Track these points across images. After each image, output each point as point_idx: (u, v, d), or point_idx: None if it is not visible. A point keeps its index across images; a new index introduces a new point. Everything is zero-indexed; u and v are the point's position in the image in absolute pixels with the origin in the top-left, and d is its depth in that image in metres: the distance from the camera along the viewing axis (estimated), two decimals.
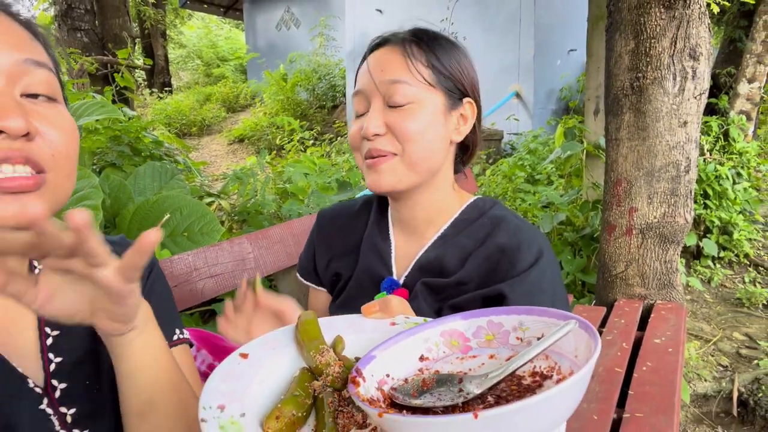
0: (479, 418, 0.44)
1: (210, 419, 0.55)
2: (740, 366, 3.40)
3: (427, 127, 1.05)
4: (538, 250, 1.04)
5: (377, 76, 1.06)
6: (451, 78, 1.09)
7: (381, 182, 1.08)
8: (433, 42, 1.10)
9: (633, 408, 1.89)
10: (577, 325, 0.58)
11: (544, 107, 9.19)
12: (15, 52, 0.68)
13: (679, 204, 2.96)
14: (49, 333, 0.78)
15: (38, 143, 0.68)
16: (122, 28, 6.87)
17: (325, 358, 0.66)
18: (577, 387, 0.50)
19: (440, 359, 0.68)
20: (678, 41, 2.76)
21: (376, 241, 1.19)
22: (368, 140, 1.06)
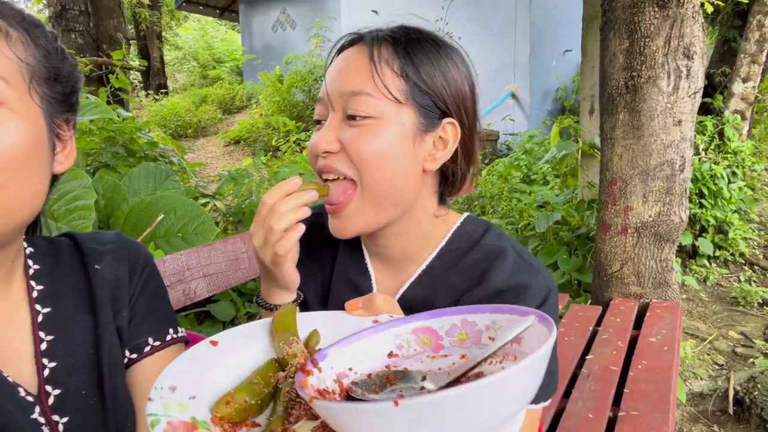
0: (399, 406, 0.44)
1: (156, 398, 0.54)
2: (736, 364, 3.40)
3: (387, 150, 0.86)
4: (542, 296, 0.89)
5: (338, 83, 0.89)
6: (428, 92, 0.89)
7: (344, 228, 0.92)
8: (414, 45, 0.90)
9: (628, 406, 1.89)
10: (537, 320, 0.57)
11: (540, 107, 9.21)
12: None
13: (674, 203, 2.96)
14: (43, 338, 0.77)
15: None
16: (117, 30, 6.85)
17: (293, 349, 0.65)
18: (514, 381, 0.47)
19: (410, 357, 0.66)
20: (672, 40, 2.77)
21: (352, 275, 1.02)
22: (321, 156, 0.90)
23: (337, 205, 0.90)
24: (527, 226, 4.85)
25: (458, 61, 0.95)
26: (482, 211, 5.88)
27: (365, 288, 1.00)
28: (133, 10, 12.53)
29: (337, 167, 0.88)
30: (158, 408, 0.52)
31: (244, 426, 0.57)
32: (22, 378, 0.73)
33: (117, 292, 0.85)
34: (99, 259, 0.86)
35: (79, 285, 0.83)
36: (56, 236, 0.89)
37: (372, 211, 0.90)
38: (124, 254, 0.89)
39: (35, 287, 0.79)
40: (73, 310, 0.81)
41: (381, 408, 0.45)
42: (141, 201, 2.37)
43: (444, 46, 0.94)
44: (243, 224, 3.66)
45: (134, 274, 0.89)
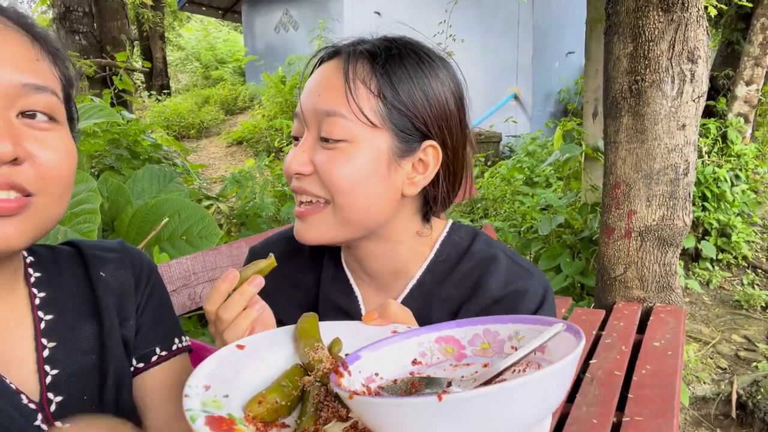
0: (443, 401, 0.44)
1: (192, 395, 0.56)
2: (739, 368, 3.40)
3: (360, 176, 0.83)
4: (539, 299, 0.88)
5: (313, 101, 0.85)
6: (408, 114, 0.84)
7: (306, 234, 0.89)
8: (394, 62, 0.85)
9: (632, 411, 1.89)
10: (564, 328, 0.58)
11: (543, 109, 9.20)
12: (16, 73, 0.66)
13: (678, 207, 2.96)
14: (46, 344, 0.77)
15: (26, 167, 0.66)
16: (121, 31, 6.87)
17: (318, 354, 0.67)
18: (551, 381, 0.48)
19: (433, 365, 0.67)
20: (676, 44, 2.77)
21: (339, 300, 0.98)
22: (294, 177, 0.87)
23: (306, 210, 0.88)
24: (530, 228, 4.85)
25: (444, 76, 0.89)
26: (485, 213, 5.88)
27: (354, 311, 0.97)
28: (136, 11, 12.55)
29: (310, 189, 0.86)
30: (195, 404, 0.54)
31: (274, 426, 0.59)
32: (25, 385, 0.74)
33: (123, 300, 0.86)
34: (102, 266, 0.86)
35: (82, 292, 0.84)
36: (58, 244, 0.89)
37: (339, 227, 0.87)
38: (128, 263, 0.89)
39: (37, 295, 0.80)
40: (75, 317, 0.81)
41: (425, 402, 0.46)
42: (145, 204, 2.37)
43: (429, 60, 0.88)
44: (246, 227, 3.66)
45: (140, 282, 0.89)
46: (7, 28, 0.69)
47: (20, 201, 0.66)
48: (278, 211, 3.75)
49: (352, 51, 0.86)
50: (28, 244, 0.69)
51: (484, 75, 9.12)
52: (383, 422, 0.49)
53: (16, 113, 0.67)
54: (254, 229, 3.46)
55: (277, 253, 0.99)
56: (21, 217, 0.67)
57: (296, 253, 1.03)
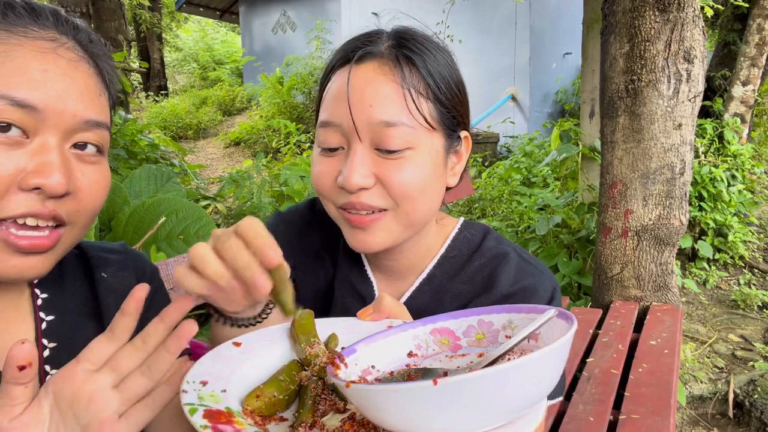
0: (438, 385, 0.45)
1: (190, 390, 0.56)
2: (735, 368, 3.41)
3: (428, 179, 0.83)
4: (548, 297, 0.89)
5: (364, 113, 0.80)
6: (452, 110, 0.86)
7: (369, 243, 0.86)
8: (429, 58, 0.84)
9: (629, 410, 1.90)
10: (556, 314, 0.59)
11: (540, 110, 9.22)
12: (81, 109, 0.68)
13: (674, 206, 2.97)
14: (47, 345, 0.77)
15: (68, 199, 0.68)
16: (118, 32, 6.86)
17: (315, 349, 0.68)
18: (544, 362, 0.48)
19: (429, 356, 0.68)
20: (672, 44, 2.78)
21: (355, 283, 0.98)
22: (348, 191, 0.82)
23: (367, 218, 0.84)
24: (527, 228, 4.85)
25: (455, 62, 0.91)
26: (482, 213, 5.89)
27: (368, 296, 0.96)
28: (133, 12, 12.54)
29: (371, 203, 0.82)
30: (193, 398, 0.55)
31: (272, 420, 0.59)
32: None
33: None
34: (104, 267, 0.86)
35: (84, 293, 0.84)
36: None
37: (402, 231, 0.86)
38: (130, 264, 0.89)
39: (39, 295, 0.80)
40: (77, 318, 0.81)
41: (421, 387, 0.46)
42: (142, 203, 2.37)
43: (443, 47, 0.90)
44: None
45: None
46: (81, 60, 0.69)
47: (53, 237, 0.67)
48: (276, 210, 3.76)
49: (395, 55, 0.83)
50: (47, 272, 0.70)
51: (481, 76, 9.13)
52: (381, 409, 0.50)
53: (70, 145, 0.68)
54: None
55: (302, 220, 1.04)
56: (50, 253, 0.69)
57: (319, 226, 1.02)
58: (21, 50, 0.64)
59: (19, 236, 0.64)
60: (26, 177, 0.63)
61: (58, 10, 0.72)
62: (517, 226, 5.05)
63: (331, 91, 0.85)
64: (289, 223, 1.05)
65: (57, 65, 0.66)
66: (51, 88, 0.65)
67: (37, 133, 0.65)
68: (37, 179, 0.63)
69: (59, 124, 0.66)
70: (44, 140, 0.65)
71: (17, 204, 0.64)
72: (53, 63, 0.66)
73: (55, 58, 0.66)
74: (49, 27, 0.68)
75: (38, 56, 0.65)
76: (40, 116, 0.64)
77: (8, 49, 0.63)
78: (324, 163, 0.85)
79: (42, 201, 0.65)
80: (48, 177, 0.64)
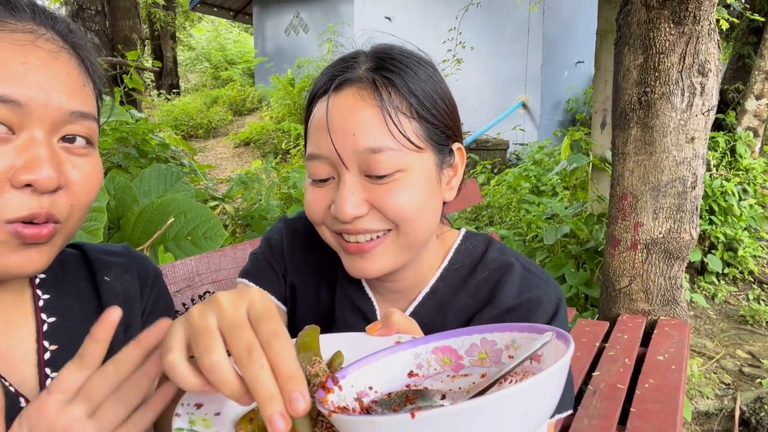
0: (416, 419, 0.44)
1: (183, 414, 0.55)
2: (743, 384, 3.37)
3: (424, 198, 0.82)
4: (553, 309, 0.87)
5: (348, 142, 0.79)
6: (439, 125, 0.84)
7: (369, 270, 0.84)
8: (409, 75, 0.82)
9: (635, 425, 1.88)
10: (554, 336, 0.57)
11: (551, 118, 9.20)
12: (66, 100, 0.67)
13: (685, 220, 2.95)
14: (47, 347, 0.76)
15: (61, 193, 0.67)
16: (132, 30, 6.91)
17: (315, 369, 0.65)
18: (528, 396, 0.47)
19: (430, 376, 0.66)
20: (687, 57, 2.76)
21: (356, 300, 0.96)
22: (343, 222, 0.82)
23: (367, 244, 0.82)
24: (535, 237, 4.83)
25: (439, 74, 0.88)
26: (490, 221, 5.87)
27: (369, 312, 0.95)
28: (148, 11, 12.63)
29: (371, 227, 0.81)
30: (184, 423, 0.54)
31: None
32: (25, 387, 0.73)
33: (127, 305, 0.85)
34: (107, 270, 0.86)
35: (86, 295, 0.83)
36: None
37: (403, 252, 0.85)
38: (132, 267, 0.89)
39: (41, 296, 0.79)
40: (79, 321, 0.80)
41: (398, 420, 0.45)
42: (151, 203, 2.37)
43: (424, 61, 0.87)
44: (251, 228, 3.66)
45: (145, 287, 0.89)
46: (61, 50, 0.68)
47: (51, 230, 0.67)
48: (283, 213, 3.76)
49: (367, 74, 0.81)
50: (45, 267, 0.70)
51: (492, 82, 9.12)
52: None
53: (58, 138, 0.68)
54: (259, 231, 3.47)
55: (306, 231, 0.99)
56: (48, 243, 0.68)
57: (316, 234, 0.98)
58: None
59: (25, 225, 0.64)
60: (16, 174, 0.62)
61: (34, 2, 0.70)
62: (524, 235, 5.03)
63: (314, 122, 0.84)
64: (293, 234, 1.02)
65: (37, 57, 0.65)
66: (32, 80, 0.63)
67: (23, 128, 0.64)
68: (28, 175, 0.62)
69: (44, 118, 0.64)
70: (31, 135, 0.64)
71: (18, 205, 0.63)
72: (33, 55, 0.64)
73: (35, 50, 0.65)
74: (26, 19, 0.67)
75: (17, 49, 0.63)
76: (24, 111, 0.63)
77: None
78: (316, 193, 0.84)
79: (37, 198, 0.64)
80: (38, 172, 0.63)
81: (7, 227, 0.63)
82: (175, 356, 0.51)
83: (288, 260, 1.01)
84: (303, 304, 1.00)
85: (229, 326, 0.50)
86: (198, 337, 0.50)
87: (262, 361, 0.48)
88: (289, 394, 0.47)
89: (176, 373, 0.51)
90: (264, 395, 0.47)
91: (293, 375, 0.48)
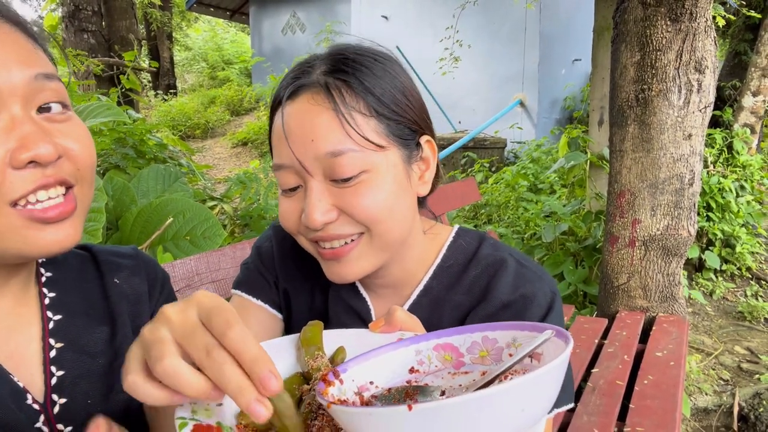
0: (413, 411, 0.44)
1: (186, 404, 0.55)
2: (741, 380, 3.38)
3: (393, 196, 0.81)
4: (548, 304, 0.86)
5: (308, 149, 0.78)
6: (400, 120, 0.82)
7: (346, 274, 0.84)
8: (364, 73, 0.81)
9: (634, 422, 1.88)
10: (554, 334, 0.58)
11: (548, 116, 9.21)
12: (25, 68, 0.66)
13: (683, 217, 2.95)
14: (53, 345, 0.77)
15: (63, 161, 0.68)
16: (129, 30, 6.90)
17: (317, 363, 0.66)
18: (524, 391, 0.47)
19: (431, 373, 0.67)
20: (684, 54, 2.76)
21: (349, 300, 0.96)
22: (314, 230, 0.81)
23: (342, 249, 0.82)
24: (533, 235, 4.84)
25: (404, 73, 0.87)
26: (488, 219, 5.88)
27: (364, 311, 0.95)
28: (144, 11, 12.61)
29: (342, 232, 0.81)
30: (186, 412, 0.54)
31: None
32: (31, 385, 0.73)
33: (138, 307, 0.86)
34: (116, 272, 0.86)
35: (94, 295, 0.83)
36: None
37: (379, 253, 0.84)
38: (142, 270, 0.89)
39: (47, 294, 0.79)
40: (85, 320, 0.81)
41: (395, 412, 0.46)
42: (150, 203, 2.37)
43: (382, 57, 0.85)
44: (250, 228, 3.66)
45: (154, 290, 0.89)
46: (3, 25, 0.68)
47: (70, 199, 0.68)
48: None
49: (324, 80, 0.80)
50: (80, 238, 0.70)
51: (490, 81, 9.12)
52: (361, 431, 0.49)
53: (35, 111, 0.67)
54: (258, 231, 3.47)
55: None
56: (75, 216, 0.69)
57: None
58: None
59: (45, 209, 0.64)
60: (14, 154, 0.63)
61: None
62: (523, 233, 5.03)
63: (275, 132, 0.84)
64: (282, 240, 1.01)
65: None
66: None
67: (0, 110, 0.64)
68: (27, 153, 0.62)
69: (14, 91, 0.64)
70: (10, 114, 0.64)
71: (22, 182, 0.63)
72: None
73: None
74: None
75: None
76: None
77: None
78: (286, 203, 0.84)
79: (41, 171, 0.64)
80: (35, 147, 0.63)
81: (22, 213, 0.64)
82: (133, 377, 0.50)
83: (279, 267, 1.00)
84: (297, 309, 1.00)
85: (182, 334, 0.49)
86: (149, 349, 0.49)
87: (222, 357, 0.47)
88: (258, 376, 0.46)
89: (138, 393, 0.49)
90: (233, 388, 0.46)
91: (256, 357, 0.47)
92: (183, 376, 0.47)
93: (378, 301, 0.96)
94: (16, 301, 0.76)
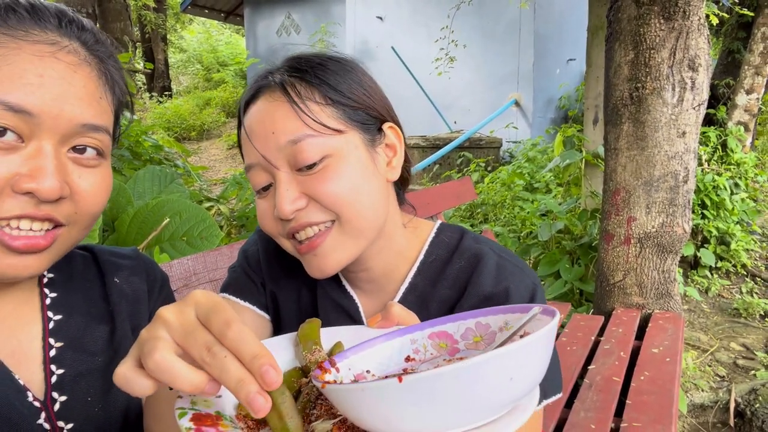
0: (403, 382, 0.45)
1: (185, 395, 0.56)
2: (737, 376, 3.40)
3: (359, 179, 0.83)
4: (529, 296, 0.88)
5: (270, 142, 0.81)
6: (359, 106, 0.85)
7: (326, 266, 0.85)
8: (319, 69, 0.85)
9: (631, 417, 1.89)
10: (541, 311, 0.59)
11: (543, 116, 9.23)
12: (78, 113, 0.67)
13: (678, 214, 2.97)
14: (53, 344, 0.78)
15: (65, 202, 0.68)
16: (123, 33, 6.90)
17: (315, 356, 0.67)
18: (513, 358, 0.47)
19: (426, 360, 0.68)
20: (677, 52, 2.78)
21: (336, 298, 0.97)
22: (285, 220, 0.83)
23: (313, 241, 0.83)
24: (529, 234, 4.85)
25: (362, 70, 0.91)
26: (485, 218, 5.89)
27: (352, 309, 0.96)
28: (138, 13, 12.59)
29: (313, 219, 0.82)
30: (186, 403, 0.54)
31: (266, 425, 0.59)
32: (31, 383, 0.75)
33: (137, 307, 0.87)
34: (117, 272, 0.87)
35: (94, 295, 0.84)
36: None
37: (353, 241, 0.85)
38: (141, 270, 0.90)
39: (48, 294, 0.81)
40: (85, 319, 0.82)
41: (386, 384, 0.46)
42: (146, 204, 2.37)
43: (340, 59, 0.89)
44: (246, 228, 3.67)
45: (153, 290, 0.90)
46: (82, 63, 0.69)
47: (49, 237, 0.67)
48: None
49: (279, 79, 0.84)
50: (44, 271, 0.70)
51: (485, 81, 9.14)
52: (356, 409, 0.50)
53: (68, 148, 0.68)
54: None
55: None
56: (47, 252, 0.69)
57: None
58: (19, 54, 0.64)
59: (13, 236, 0.65)
60: (19, 180, 0.63)
61: (64, 11, 0.71)
62: (519, 232, 5.04)
63: (242, 136, 0.87)
64: (268, 243, 1.01)
65: (55, 69, 0.66)
66: (47, 92, 0.64)
67: (33, 137, 0.65)
68: (30, 183, 0.63)
69: (55, 129, 0.65)
70: (39, 145, 0.65)
71: (11, 206, 0.64)
72: (50, 67, 0.65)
73: (53, 62, 0.66)
74: (51, 29, 0.67)
75: (35, 60, 0.64)
76: (35, 121, 0.64)
77: (6, 53, 0.63)
78: (262, 204, 0.86)
79: (36, 204, 0.65)
80: (41, 181, 0.64)
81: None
82: (123, 368, 0.49)
83: (265, 269, 1.01)
84: (286, 310, 1.01)
85: (181, 334, 0.49)
86: (143, 346, 0.49)
87: (223, 353, 0.47)
88: (258, 369, 0.46)
89: (127, 382, 0.49)
90: (234, 381, 0.46)
91: (257, 353, 0.47)
92: (174, 370, 0.47)
93: (365, 298, 0.97)
94: (18, 302, 0.77)
